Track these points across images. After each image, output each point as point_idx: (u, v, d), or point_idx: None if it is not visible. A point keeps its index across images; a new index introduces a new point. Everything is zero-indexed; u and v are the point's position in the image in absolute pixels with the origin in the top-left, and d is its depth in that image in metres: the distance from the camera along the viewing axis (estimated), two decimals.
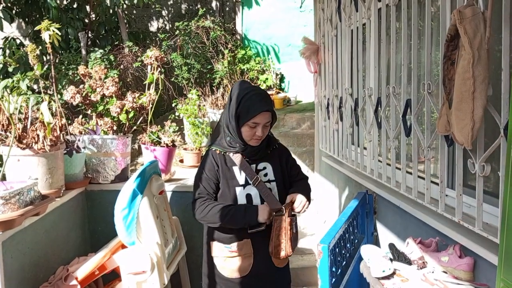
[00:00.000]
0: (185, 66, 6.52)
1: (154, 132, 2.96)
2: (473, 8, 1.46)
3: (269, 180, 2.10)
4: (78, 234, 2.66)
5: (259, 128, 1.98)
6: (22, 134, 2.20)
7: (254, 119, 1.95)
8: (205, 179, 2.06)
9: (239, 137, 2.01)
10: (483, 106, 1.43)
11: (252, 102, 1.96)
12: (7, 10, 5.76)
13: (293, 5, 7.12)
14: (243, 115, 1.97)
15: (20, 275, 2.00)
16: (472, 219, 1.69)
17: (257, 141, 2.02)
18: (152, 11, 7.69)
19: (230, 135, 2.04)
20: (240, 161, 2.05)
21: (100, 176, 2.78)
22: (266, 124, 2.00)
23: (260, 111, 1.95)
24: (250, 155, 2.07)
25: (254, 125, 1.97)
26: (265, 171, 2.10)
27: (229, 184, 2.05)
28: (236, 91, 2.01)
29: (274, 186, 2.10)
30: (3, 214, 1.81)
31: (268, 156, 2.13)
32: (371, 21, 2.63)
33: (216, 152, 2.09)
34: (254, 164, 2.09)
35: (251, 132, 1.99)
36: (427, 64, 1.95)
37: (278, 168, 2.13)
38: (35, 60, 2.55)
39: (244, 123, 1.98)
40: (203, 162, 2.12)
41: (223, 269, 2.08)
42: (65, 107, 4.15)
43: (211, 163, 2.07)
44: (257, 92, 2.01)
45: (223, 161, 2.07)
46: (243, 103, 1.98)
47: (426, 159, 1.98)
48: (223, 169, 2.06)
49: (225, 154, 2.07)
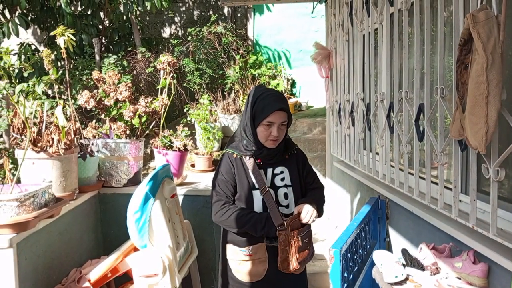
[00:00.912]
0: (197, 72, 6.57)
1: (166, 136, 2.98)
2: (487, 12, 1.45)
3: (286, 185, 2.07)
4: (91, 237, 2.68)
5: (274, 128, 1.98)
6: (37, 138, 2.24)
7: (269, 118, 1.96)
8: (222, 181, 2.06)
9: (255, 138, 2.01)
10: (497, 110, 1.42)
11: (267, 102, 1.98)
12: (22, 17, 5.86)
13: (304, 11, 7.13)
14: (258, 115, 1.98)
15: (34, 276, 2.03)
16: (486, 225, 1.67)
17: (273, 142, 2.01)
18: (165, 17, 7.77)
19: (246, 137, 2.04)
20: (252, 166, 2.04)
21: (113, 180, 2.81)
22: (281, 124, 2.00)
23: (275, 109, 1.95)
24: (267, 159, 2.06)
25: (269, 124, 1.97)
26: (282, 175, 2.08)
27: (245, 187, 2.04)
28: (252, 93, 2.03)
29: (291, 191, 2.08)
30: (18, 216, 1.84)
31: (285, 160, 2.11)
32: (383, 26, 2.63)
33: (233, 155, 2.09)
34: (271, 168, 2.07)
35: (266, 132, 1.99)
36: (440, 69, 1.94)
37: (296, 173, 2.11)
38: (50, 65, 2.59)
39: (259, 123, 1.98)
40: (220, 165, 2.12)
41: (237, 273, 2.07)
42: (79, 112, 4.21)
43: (228, 165, 2.07)
44: (272, 92, 2.02)
45: (240, 164, 2.07)
46: (258, 103, 1.99)
47: (439, 164, 1.97)
48: (239, 172, 2.05)
49: (242, 158, 2.07)
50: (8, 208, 1.83)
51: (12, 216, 1.83)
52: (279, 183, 2.07)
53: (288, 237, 1.95)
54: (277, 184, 2.07)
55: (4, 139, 5.18)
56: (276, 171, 2.08)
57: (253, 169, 2.03)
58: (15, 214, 1.84)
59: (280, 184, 2.06)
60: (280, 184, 2.06)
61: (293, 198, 2.07)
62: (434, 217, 2.04)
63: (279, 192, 2.06)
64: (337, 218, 4.03)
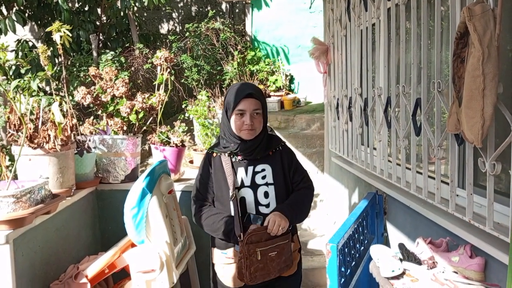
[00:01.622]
0: (195, 68, 6.55)
1: (164, 132, 2.98)
2: (483, 5, 1.44)
3: (267, 183, 2.01)
4: (88, 233, 2.68)
5: (247, 116, 1.94)
6: (33, 134, 2.23)
7: (239, 105, 1.94)
8: (201, 182, 2.06)
9: (230, 131, 1.99)
10: (493, 104, 1.42)
11: (236, 91, 1.97)
12: (20, 13, 5.83)
13: (302, 6, 7.11)
14: (229, 105, 1.97)
15: (31, 272, 2.02)
16: (483, 219, 1.67)
17: (248, 132, 1.96)
18: (163, 13, 7.74)
19: (224, 135, 2.03)
20: (228, 165, 2.00)
21: (110, 176, 2.80)
22: (254, 111, 1.96)
23: (242, 96, 1.93)
24: (247, 154, 2.01)
25: (241, 113, 1.94)
26: (264, 173, 2.01)
27: (222, 188, 2.01)
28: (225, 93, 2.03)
29: (272, 189, 2.01)
30: (14, 212, 1.84)
31: (268, 157, 2.05)
32: (381, 20, 2.62)
33: (213, 155, 2.07)
34: (251, 166, 2.02)
35: (239, 122, 1.95)
36: (437, 63, 1.94)
37: (280, 170, 2.04)
38: (46, 61, 2.58)
39: (231, 114, 1.96)
40: (200, 166, 2.11)
41: (223, 277, 2.05)
42: (76, 109, 4.20)
43: (206, 166, 2.06)
44: (242, 83, 2.03)
45: (219, 164, 2.03)
46: (228, 95, 2.00)
47: (436, 159, 1.97)
48: (216, 172, 2.03)
49: (221, 156, 2.04)
50: (4, 204, 1.82)
51: (8, 212, 1.83)
52: (260, 181, 2.01)
53: (244, 249, 1.87)
54: (258, 182, 2.01)
55: (1, 136, 5.17)
56: (257, 168, 2.02)
57: (227, 168, 1.99)
58: (11, 210, 1.84)
59: (261, 183, 2.00)
60: (260, 182, 2.01)
61: (274, 197, 2.00)
62: (431, 212, 2.05)
63: (258, 190, 2.00)
64: (335, 213, 4.03)
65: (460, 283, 1.65)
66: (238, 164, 2.03)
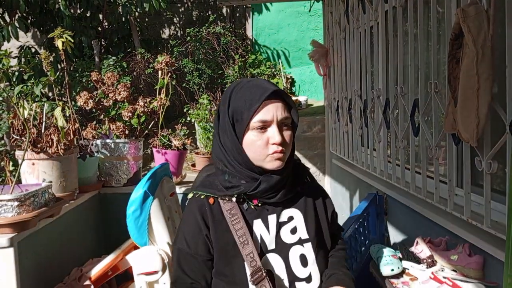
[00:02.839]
0: (196, 72, 6.59)
1: (165, 135, 3.01)
2: (477, 6, 1.47)
3: (300, 240, 1.25)
4: (92, 236, 2.71)
5: (274, 129, 1.16)
6: (36, 139, 2.26)
7: (260, 113, 1.15)
8: (186, 256, 1.21)
9: (243, 160, 1.19)
10: (488, 103, 1.44)
11: (250, 90, 1.18)
12: (22, 20, 5.89)
13: (302, 10, 7.15)
14: (239, 115, 1.17)
15: (35, 275, 2.05)
16: (480, 217, 1.69)
17: (278, 155, 1.17)
18: (164, 18, 7.79)
19: (226, 165, 1.21)
20: (237, 219, 1.19)
21: (113, 180, 2.83)
22: (284, 120, 1.19)
23: (266, 96, 1.15)
24: (269, 196, 1.21)
25: (263, 126, 1.16)
26: (292, 224, 1.25)
27: (231, 261, 1.19)
28: (224, 94, 1.24)
29: (310, 249, 1.25)
30: (18, 216, 1.87)
31: (296, 197, 1.28)
32: (379, 23, 2.64)
33: (206, 201, 1.22)
34: (274, 215, 1.24)
35: (261, 141, 1.16)
36: (433, 64, 1.96)
37: (312, 217, 1.29)
38: (48, 67, 2.61)
39: (245, 129, 1.17)
40: (182, 220, 1.26)
41: None
42: (79, 114, 4.23)
43: (195, 223, 1.20)
44: (253, 79, 1.26)
45: (220, 216, 1.21)
46: (235, 98, 1.19)
47: (434, 158, 1.99)
48: (217, 231, 1.20)
49: (220, 203, 1.22)
50: (8, 207, 1.85)
51: (12, 216, 1.86)
52: (289, 238, 1.24)
53: None
54: (287, 240, 1.24)
55: (5, 141, 5.22)
56: (283, 217, 1.25)
57: (237, 223, 1.19)
58: (15, 214, 1.86)
59: (292, 240, 1.24)
60: (291, 240, 1.24)
61: (315, 262, 1.25)
62: (430, 211, 2.06)
63: (291, 254, 1.23)
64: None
65: (458, 281, 1.66)
66: (252, 213, 1.23)
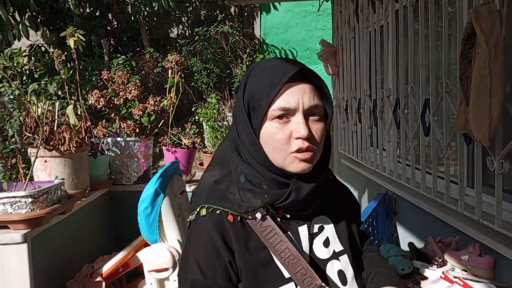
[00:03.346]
0: (205, 71, 6.61)
1: (175, 134, 3.03)
2: (489, 6, 1.47)
3: (334, 254, 1.05)
4: (102, 233, 2.73)
5: (299, 119, 0.92)
6: (49, 137, 2.29)
7: (281, 98, 0.91)
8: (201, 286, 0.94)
9: (263, 158, 0.95)
10: (501, 103, 1.44)
11: (270, 71, 0.95)
12: (32, 19, 5.95)
13: (311, 9, 7.14)
14: (256, 101, 0.93)
15: (47, 271, 2.08)
16: (492, 218, 1.69)
17: (303, 156, 0.92)
18: (172, 17, 7.82)
19: (245, 162, 0.97)
20: (271, 230, 0.97)
21: (123, 178, 2.85)
22: (313, 109, 0.94)
23: (290, 76, 0.91)
24: (303, 205, 1.00)
25: (284, 114, 0.92)
26: (323, 235, 1.06)
27: (264, 286, 0.96)
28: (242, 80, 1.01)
29: (347, 262, 1.06)
30: (32, 212, 1.89)
31: (327, 204, 1.08)
32: (389, 22, 2.64)
33: (225, 218, 0.96)
34: (304, 226, 1.03)
35: (283, 134, 0.92)
36: (445, 64, 1.96)
37: (343, 224, 1.10)
38: (61, 65, 2.64)
39: (263, 118, 0.93)
40: (192, 246, 0.97)
41: None
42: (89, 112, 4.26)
43: (212, 248, 0.94)
44: (276, 58, 1.07)
45: (243, 236, 0.96)
46: (251, 82, 0.96)
47: (445, 158, 1.98)
48: (245, 253, 0.95)
49: (242, 220, 0.97)
50: (22, 204, 1.88)
51: (26, 212, 1.88)
52: (323, 252, 1.04)
53: None
54: (321, 255, 1.04)
55: (16, 139, 5.27)
56: (314, 228, 1.05)
57: (277, 240, 0.96)
58: (29, 210, 1.89)
59: (326, 255, 1.04)
60: (325, 254, 1.04)
61: (353, 278, 1.05)
62: (440, 211, 2.06)
63: (329, 272, 1.03)
64: None
65: (469, 281, 1.66)
66: (280, 226, 1.00)
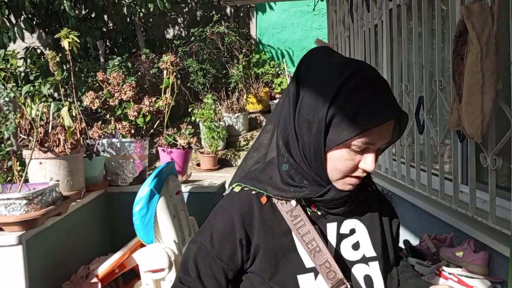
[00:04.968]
0: (201, 72, 6.61)
1: (170, 134, 3.02)
2: (481, 3, 1.47)
3: (364, 258, 1.00)
4: (98, 235, 2.73)
5: (372, 156, 0.91)
6: (44, 138, 2.28)
7: (373, 133, 0.88)
8: (205, 257, 0.95)
9: (321, 165, 0.91)
10: (493, 100, 1.45)
11: (376, 97, 0.88)
12: (28, 21, 5.93)
13: (306, 9, 7.15)
14: (347, 122, 0.87)
15: (43, 273, 2.07)
16: (485, 214, 1.69)
17: (356, 181, 0.93)
18: (168, 18, 7.81)
19: (297, 158, 0.93)
20: (301, 220, 0.95)
21: (119, 179, 2.85)
22: (384, 146, 0.95)
23: (388, 118, 0.88)
24: (330, 205, 0.98)
25: (363, 147, 0.89)
26: (354, 238, 1.01)
27: (281, 270, 0.94)
28: (326, 67, 0.91)
29: (377, 269, 1.00)
30: (26, 214, 1.89)
31: (359, 205, 1.02)
32: (383, 21, 2.65)
33: (256, 199, 0.96)
34: (333, 224, 0.99)
35: (352, 162, 0.91)
36: (438, 62, 1.97)
37: (378, 232, 1.03)
38: (55, 67, 2.64)
39: (345, 141, 0.87)
40: (213, 216, 0.98)
41: None
42: (84, 114, 4.26)
43: (228, 224, 0.94)
44: (377, 74, 0.92)
45: (271, 218, 0.96)
46: (348, 96, 0.87)
47: (439, 155, 1.99)
48: (266, 235, 0.94)
49: (273, 202, 0.96)
50: (17, 206, 1.87)
51: (21, 214, 1.88)
52: (351, 254, 0.99)
53: None
54: (348, 256, 0.99)
55: (12, 142, 5.26)
56: (344, 229, 1.01)
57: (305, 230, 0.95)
58: (24, 212, 1.89)
59: (355, 258, 0.99)
60: (353, 257, 0.99)
61: (381, 280, 0.99)
62: (435, 208, 2.07)
63: (354, 274, 0.98)
64: None
65: (464, 277, 1.67)
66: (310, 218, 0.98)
